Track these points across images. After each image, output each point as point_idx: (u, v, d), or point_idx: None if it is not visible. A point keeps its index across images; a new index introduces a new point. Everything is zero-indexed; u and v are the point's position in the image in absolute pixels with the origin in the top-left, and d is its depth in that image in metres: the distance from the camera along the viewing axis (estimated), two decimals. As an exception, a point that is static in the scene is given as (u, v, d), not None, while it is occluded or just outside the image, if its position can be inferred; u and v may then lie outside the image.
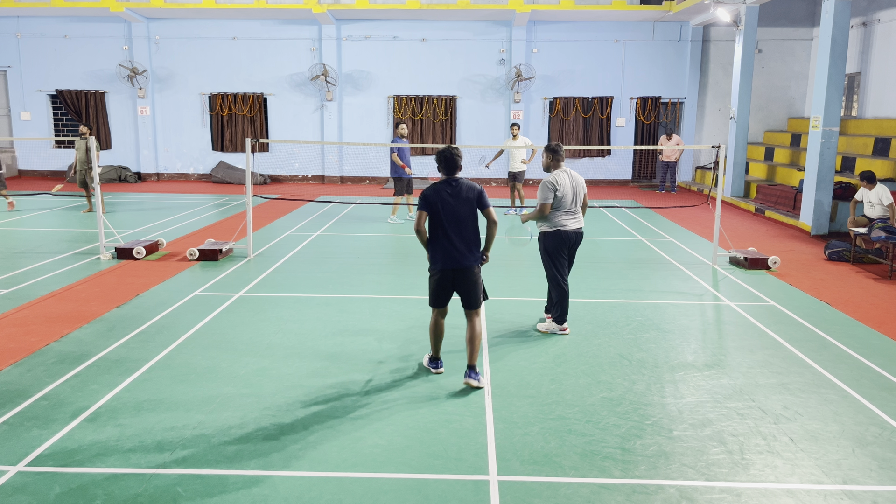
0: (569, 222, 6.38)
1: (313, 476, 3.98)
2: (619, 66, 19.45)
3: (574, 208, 6.42)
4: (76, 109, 19.69)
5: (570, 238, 6.40)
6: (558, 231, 6.36)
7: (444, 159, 5.30)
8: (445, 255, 5.24)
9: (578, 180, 6.47)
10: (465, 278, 5.29)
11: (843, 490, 3.89)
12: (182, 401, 4.95)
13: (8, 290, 7.90)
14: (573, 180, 6.40)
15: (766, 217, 14.34)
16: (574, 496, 3.80)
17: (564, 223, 6.37)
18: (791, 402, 5.07)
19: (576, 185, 6.41)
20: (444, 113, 19.57)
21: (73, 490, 3.79)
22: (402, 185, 12.67)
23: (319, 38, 19.28)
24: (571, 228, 6.39)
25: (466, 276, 5.28)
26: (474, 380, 5.26)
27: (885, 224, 9.49)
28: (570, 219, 6.39)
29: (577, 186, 6.42)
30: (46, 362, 5.65)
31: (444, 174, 5.33)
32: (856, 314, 7.32)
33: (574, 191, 6.38)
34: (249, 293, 7.89)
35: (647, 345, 6.26)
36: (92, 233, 11.24)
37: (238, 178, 19.39)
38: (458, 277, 5.29)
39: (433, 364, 5.59)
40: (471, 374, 5.29)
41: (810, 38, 18.97)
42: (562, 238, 6.37)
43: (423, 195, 5.27)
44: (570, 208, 6.38)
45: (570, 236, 6.39)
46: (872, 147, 14.39)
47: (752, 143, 18.93)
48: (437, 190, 5.25)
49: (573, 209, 6.41)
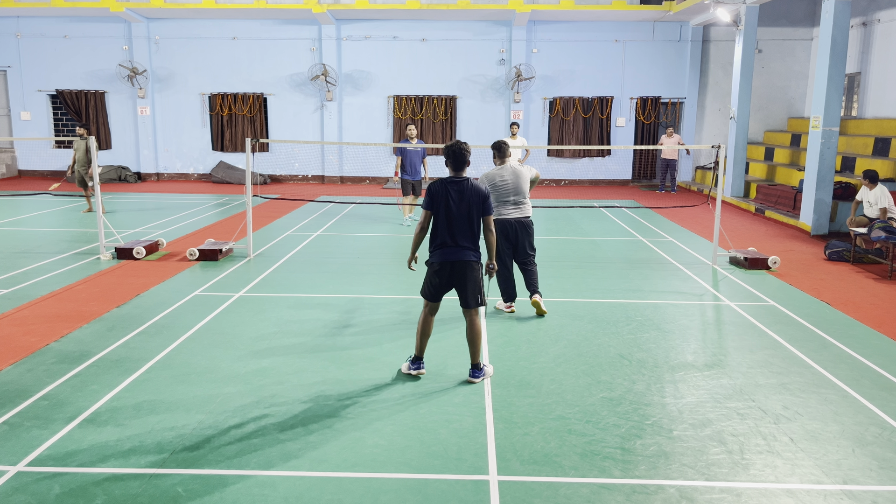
0: (509, 212, 6.99)
1: (313, 476, 3.97)
2: (619, 66, 19.45)
3: (517, 199, 6.98)
4: (76, 109, 19.69)
5: (510, 226, 6.97)
6: (499, 219, 6.98)
7: (452, 154, 5.21)
8: (444, 250, 5.22)
9: (520, 172, 7.01)
10: (462, 274, 5.24)
11: (843, 490, 3.89)
12: (182, 401, 4.95)
13: (8, 290, 7.90)
14: (514, 174, 6.95)
15: (766, 217, 14.34)
16: (574, 496, 3.80)
17: (504, 213, 6.98)
18: (791, 402, 5.07)
19: (517, 178, 6.94)
20: (444, 113, 19.57)
21: (73, 490, 3.79)
22: (407, 186, 12.53)
23: (319, 38, 19.28)
24: (512, 217, 6.99)
25: (464, 271, 5.23)
26: (477, 378, 5.28)
27: (885, 224, 9.49)
28: (511, 209, 7.00)
29: (518, 179, 6.94)
30: (46, 362, 5.65)
31: (452, 170, 5.26)
32: (856, 314, 7.32)
33: (516, 183, 6.92)
34: (249, 293, 7.89)
35: (647, 345, 6.26)
36: (92, 233, 11.24)
37: (238, 178, 19.39)
38: (455, 272, 5.24)
39: (415, 365, 5.43)
40: (474, 373, 5.31)
41: (810, 38, 18.97)
42: (503, 225, 6.97)
43: (428, 191, 5.22)
44: (511, 199, 6.96)
45: (511, 224, 6.99)
46: (872, 147, 14.39)
47: (752, 143, 18.93)
48: (445, 187, 5.19)
49: (514, 200, 6.97)
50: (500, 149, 6.92)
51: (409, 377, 5.43)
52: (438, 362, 5.72)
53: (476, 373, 5.30)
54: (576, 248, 10.80)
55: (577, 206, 12.25)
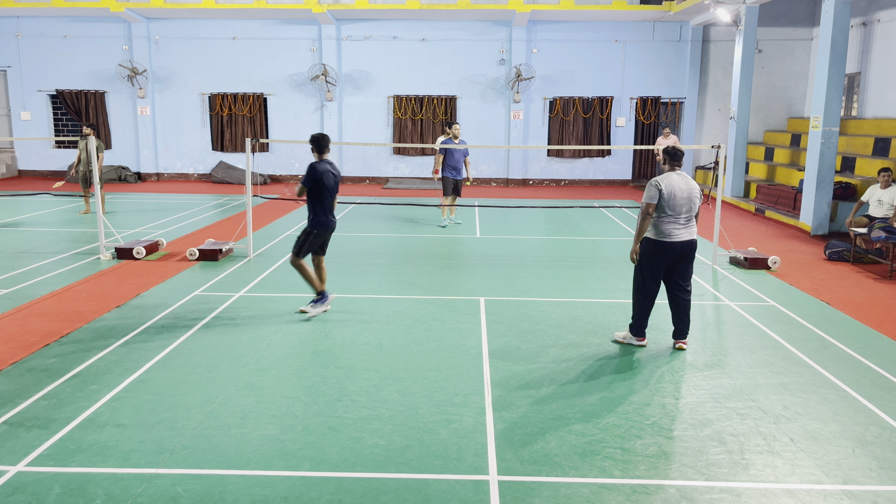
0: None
1: (313, 476, 3.97)
2: (618, 66, 19.44)
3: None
4: (76, 109, 19.69)
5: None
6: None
7: (315, 141, 7.02)
8: (326, 220, 7.17)
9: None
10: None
11: (843, 490, 3.89)
12: (182, 401, 4.95)
13: (8, 290, 7.90)
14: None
15: (766, 217, 14.34)
16: (574, 496, 3.80)
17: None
18: (791, 402, 5.07)
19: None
20: (444, 113, 19.57)
21: (73, 490, 3.79)
22: (449, 185, 12.31)
23: (319, 38, 19.28)
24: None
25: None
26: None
27: (885, 224, 9.49)
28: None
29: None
30: (46, 362, 5.65)
31: (318, 155, 7.06)
32: (856, 314, 7.32)
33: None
34: (249, 293, 7.89)
35: (648, 344, 6.26)
36: (92, 233, 11.24)
37: (238, 178, 19.39)
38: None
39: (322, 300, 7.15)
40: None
41: (810, 38, 18.97)
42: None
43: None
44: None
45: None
46: (872, 147, 14.38)
47: (752, 143, 18.93)
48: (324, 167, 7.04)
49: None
50: (674, 155, 6.01)
51: (410, 377, 5.43)
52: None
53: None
54: (576, 248, 10.80)
55: (577, 206, 12.24)
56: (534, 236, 11.94)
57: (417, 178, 19.91)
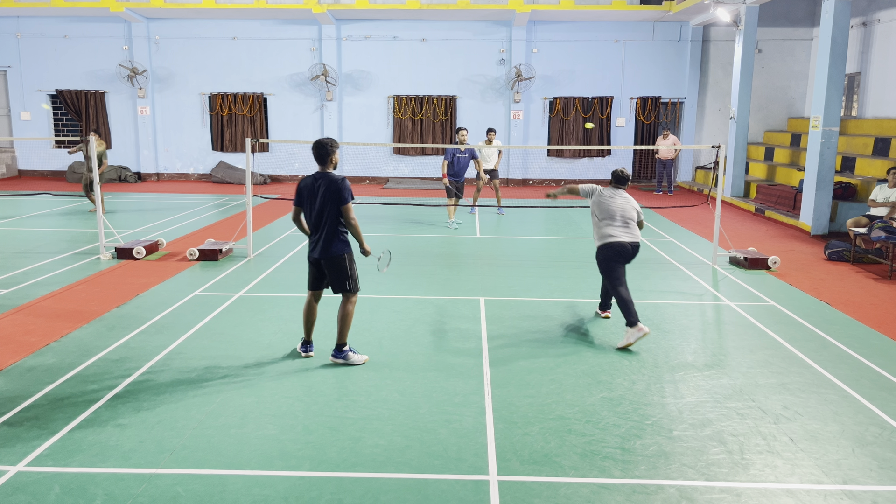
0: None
1: (313, 476, 3.97)
2: (618, 66, 19.44)
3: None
4: (76, 109, 19.68)
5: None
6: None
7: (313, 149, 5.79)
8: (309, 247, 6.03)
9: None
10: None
11: (842, 490, 3.89)
12: (182, 401, 4.95)
13: (8, 290, 7.90)
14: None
15: (766, 217, 14.34)
16: (574, 496, 3.80)
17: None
18: (791, 402, 5.07)
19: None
20: (444, 113, 19.57)
21: (72, 490, 3.79)
22: (451, 189, 12.59)
23: (319, 38, 19.28)
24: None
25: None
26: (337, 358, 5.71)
27: (885, 224, 9.49)
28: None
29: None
30: (46, 362, 5.65)
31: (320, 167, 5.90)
32: (856, 314, 7.32)
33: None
34: (249, 293, 7.89)
35: (647, 345, 6.26)
36: (92, 233, 11.24)
37: (238, 178, 19.39)
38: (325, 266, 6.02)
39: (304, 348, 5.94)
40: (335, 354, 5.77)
41: (810, 38, 18.96)
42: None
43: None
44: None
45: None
46: (872, 147, 14.38)
47: (752, 143, 18.93)
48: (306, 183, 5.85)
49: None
50: (619, 179, 6.80)
51: (410, 377, 5.44)
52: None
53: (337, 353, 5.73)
54: (576, 248, 10.80)
55: (577, 206, 12.24)
56: (534, 236, 11.94)
57: (417, 178, 19.91)
